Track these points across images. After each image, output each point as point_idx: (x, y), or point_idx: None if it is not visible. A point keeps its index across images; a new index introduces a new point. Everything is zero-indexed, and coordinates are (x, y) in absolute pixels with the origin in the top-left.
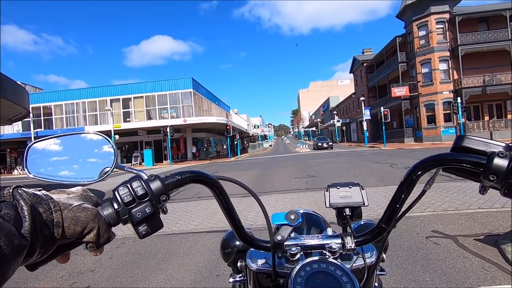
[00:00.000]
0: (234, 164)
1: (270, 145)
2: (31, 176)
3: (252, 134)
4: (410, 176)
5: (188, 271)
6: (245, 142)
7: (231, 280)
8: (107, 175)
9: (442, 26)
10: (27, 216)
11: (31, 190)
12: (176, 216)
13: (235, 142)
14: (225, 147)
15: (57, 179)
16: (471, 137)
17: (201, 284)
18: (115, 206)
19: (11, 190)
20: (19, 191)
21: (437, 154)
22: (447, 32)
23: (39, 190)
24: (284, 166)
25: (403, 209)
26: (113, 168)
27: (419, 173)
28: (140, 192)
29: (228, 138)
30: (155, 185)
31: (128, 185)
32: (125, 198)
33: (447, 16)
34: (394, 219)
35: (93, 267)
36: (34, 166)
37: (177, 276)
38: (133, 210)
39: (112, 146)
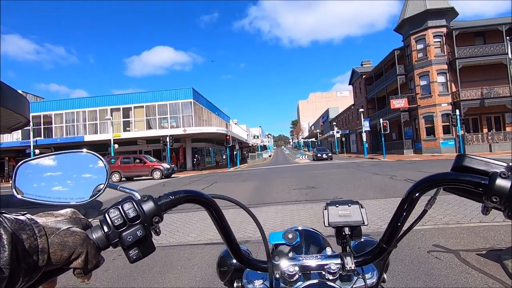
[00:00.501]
0: (233, 174)
1: (270, 156)
2: (19, 197)
3: (252, 145)
4: (410, 195)
5: (185, 285)
6: (245, 153)
7: None
8: (99, 195)
9: (439, 39)
10: (6, 246)
11: (13, 216)
12: (174, 228)
13: (235, 152)
14: (224, 157)
15: (47, 200)
16: (472, 156)
17: None
18: (105, 229)
19: None
20: (0, 218)
21: (438, 173)
22: (445, 46)
23: (23, 214)
24: (284, 177)
25: (404, 228)
26: (106, 187)
27: (420, 192)
28: (131, 214)
29: (227, 148)
30: (148, 206)
31: (120, 207)
32: (115, 221)
33: (444, 30)
34: (394, 239)
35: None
36: (26, 181)
37: None
38: (123, 234)
39: (105, 165)
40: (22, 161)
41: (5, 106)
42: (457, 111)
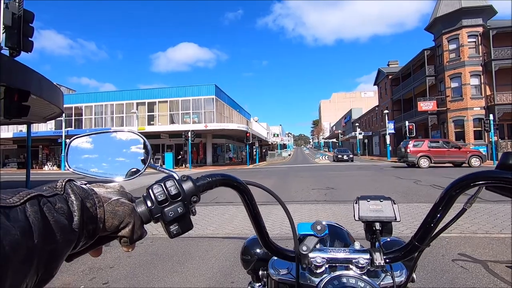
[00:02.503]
0: (252, 171)
1: (289, 155)
2: (70, 170)
3: (271, 143)
4: (449, 191)
5: (203, 276)
6: (264, 150)
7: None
8: (139, 174)
9: (474, 40)
10: (77, 211)
11: (80, 184)
12: (193, 220)
13: (254, 150)
14: (244, 153)
15: (94, 174)
16: None
17: None
18: (149, 204)
19: (63, 184)
20: (71, 185)
21: (481, 170)
22: (480, 46)
23: (85, 184)
24: (302, 177)
25: (438, 227)
26: (147, 166)
27: (460, 189)
28: (173, 191)
29: (247, 146)
30: (187, 185)
31: (162, 184)
32: (159, 196)
33: (480, 29)
34: (428, 238)
35: (112, 264)
36: (76, 156)
37: (191, 280)
38: (165, 209)
39: (147, 146)
40: (73, 137)
41: (42, 96)
42: (491, 115)
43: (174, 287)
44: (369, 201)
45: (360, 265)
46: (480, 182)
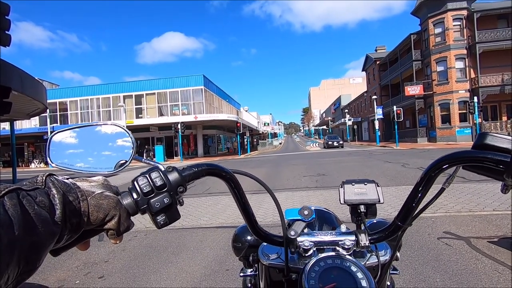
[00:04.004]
0: (244, 161)
1: (280, 143)
2: (53, 165)
3: (262, 132)
4: (429, 173)
5: (198, 265)
6: (255, 140)
7: (242, 274)
8: (124, 167)
9: (459, 23)
10: (58, 204)
11: (61, 178)
12: (186, 211)
13: (245, 140)
14: (235, 143)
15: (78, 169)
16: (494, 134)
17: (211, 277)
18: (134, 195)
19: (44, 178)
20: (52, 179)
21: (458, 151)
22: (465, 30)
23: (67, 179)
24: (294, 164)
25: (419, 207)
26: (131, 160)
27: (439, 170)
28: (158, 182)
29: (238, 136)
30: (173, 176)
31: (147, 176)
32: (144, 188)
33: (464, 13)
34: (410, 217)
35: (107, 258)
36: (59, 151)
37: (187, 269)
38: (151, 200)
39: (131, 138)
40: (54, 132)
41: (25, 93)
42: (475, 98)
43: (169, 278)
44: (353, 185)
45: (346, 247)
46: (457, 162)
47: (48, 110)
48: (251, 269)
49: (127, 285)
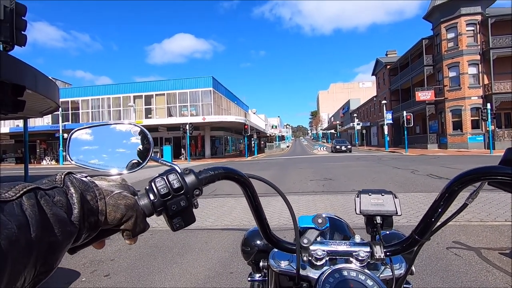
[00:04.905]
0: (251, 163)
1: (288, 146)
2: (73, 162)
3: (270, 134)
4: (452, 186)
5: (203, 267)
6: (262, 142)
7: (250, 279)
8: (143, 166)
9: (473, 28)
10: (76, 204)
11: (79, 177)
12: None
13: (252, 142)
14: (242, 145)
15: (96, 167)
16: None
17: (215, 280)
18: (151, 197)
19: (63, 176)
20: (70, 178)
21: (484, 166)
22: (478, 35)
23: (85, 177)
24: (301, 168)
25: (439, 222)
26: (149, 159)
27: (463, 184)
28: (176, 185)
29: (245, 138)
30: (190, 179)
31: (165, 177)
32: (161, 190)
33: (478, 18)
34: (429, 232)
35: (113, 256)
36: (78, 149)
37: (191, 271)
38: (168, 203)
39: (148, 138)
40: (74, 130)
41: (38, 91)
42: (488, 104)
43: (173, 278)
44: (370, 195)
45: (360, 258)
46: (483, 178)
47: (60, 109)
48: (260, 274)
49: (132, 284)
